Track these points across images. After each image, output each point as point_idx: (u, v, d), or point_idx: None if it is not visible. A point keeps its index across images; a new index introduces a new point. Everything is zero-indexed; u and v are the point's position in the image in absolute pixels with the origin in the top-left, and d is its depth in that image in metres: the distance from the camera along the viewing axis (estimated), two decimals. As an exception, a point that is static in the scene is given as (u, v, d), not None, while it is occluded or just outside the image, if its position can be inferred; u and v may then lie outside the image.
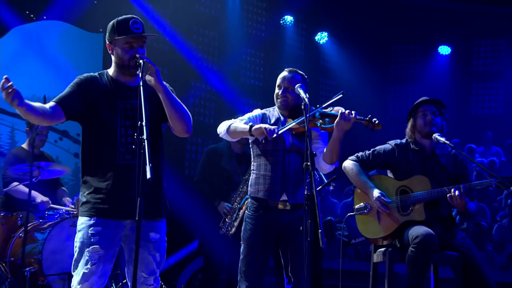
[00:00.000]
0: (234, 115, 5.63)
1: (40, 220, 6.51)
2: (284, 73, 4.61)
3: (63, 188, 7.02)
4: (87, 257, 3.65)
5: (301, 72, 4.62)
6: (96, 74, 3.88)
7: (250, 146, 4.66)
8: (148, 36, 3.84)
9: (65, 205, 6.74)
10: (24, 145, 6.91)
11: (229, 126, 4.48)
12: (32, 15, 8.84)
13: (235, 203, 6.13)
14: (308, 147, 3.82)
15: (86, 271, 3.64)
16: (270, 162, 4.44)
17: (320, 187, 5.23)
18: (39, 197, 6.50)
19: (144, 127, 3.42)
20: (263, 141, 4.32)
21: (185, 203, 6.63)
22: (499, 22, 11.66)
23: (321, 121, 4.36)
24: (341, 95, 4.32)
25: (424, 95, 12.40)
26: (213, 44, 10.78)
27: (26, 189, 6.04)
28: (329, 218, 8.69)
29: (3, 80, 3.40)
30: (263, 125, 4.24)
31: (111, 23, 3.83)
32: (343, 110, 4.27)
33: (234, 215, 6.05)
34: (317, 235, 3.60)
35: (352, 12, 12.01)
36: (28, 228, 6.25)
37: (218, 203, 6.30)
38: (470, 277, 4.57)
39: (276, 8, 11.73)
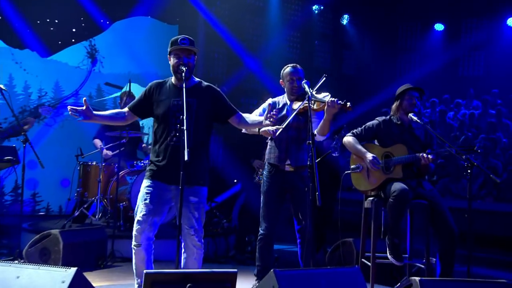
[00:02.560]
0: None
1: (130, 168, 6.68)
2: (290, 69, 4.59)
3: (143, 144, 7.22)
4: (141, 208, 3.77)
5: (299, 66, 4.62)
6: (164, 80, 3.98)
7: None
8: (191, 48, 3.83)
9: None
10: None
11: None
12: (126, 13, 8.83)
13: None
14: (310, 128, 3.80)
15: (140, 218, 3.76)
16: (277, 136, 4.42)
17: (319, 158, 5.14)
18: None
19: (184, 119, 3.46)
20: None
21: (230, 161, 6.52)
22: (483, 5, 11.17)
23: (314, 105, 4.33)
24: (324, 79, 4.41)
25: (424, 62, 11.97)
26: (260, 28, 10.54)
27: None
28: None
29: (83, 99, 3.71)
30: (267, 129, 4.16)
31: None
32: (330, 98, 4.24)
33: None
34: (315, 196, 3.62)
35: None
36: (121, 174, 6.47)
37: (253, 160, 6.24)
38: (436, 218, 4.54)
39: (308, -2, 11.42)
